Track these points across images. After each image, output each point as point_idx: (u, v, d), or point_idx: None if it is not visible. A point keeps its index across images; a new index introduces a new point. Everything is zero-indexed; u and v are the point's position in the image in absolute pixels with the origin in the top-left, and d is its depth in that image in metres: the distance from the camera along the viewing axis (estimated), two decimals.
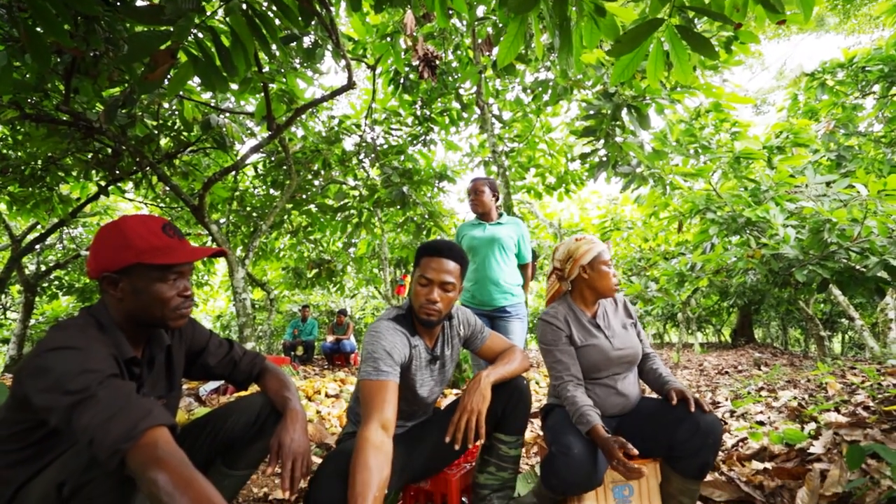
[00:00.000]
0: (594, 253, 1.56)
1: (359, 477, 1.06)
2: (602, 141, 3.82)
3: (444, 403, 1.70)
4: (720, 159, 4.29)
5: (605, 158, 4.00)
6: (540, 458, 1.91)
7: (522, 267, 2.77)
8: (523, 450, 1.75)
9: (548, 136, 6.62)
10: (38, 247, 8.11)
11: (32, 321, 9.48)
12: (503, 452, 1.46)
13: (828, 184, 3.62)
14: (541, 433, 1.77)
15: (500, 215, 2.69)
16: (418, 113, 5.84)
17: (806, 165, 4.54)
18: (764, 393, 3.59)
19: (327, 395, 4.11)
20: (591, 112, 3.63)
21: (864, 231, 2.59)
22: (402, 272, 9.90)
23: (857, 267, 2.60)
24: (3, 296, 9.09)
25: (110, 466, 0.77)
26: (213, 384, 3.95)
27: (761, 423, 2.64)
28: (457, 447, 1.31)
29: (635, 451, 1.23)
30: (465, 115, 5.69)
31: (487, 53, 4.23)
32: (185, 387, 4.14)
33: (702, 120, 4.48)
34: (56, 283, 9.59)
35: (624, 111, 3.47)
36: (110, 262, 0.99)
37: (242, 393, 3.27)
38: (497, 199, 2.68)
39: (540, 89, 4.53)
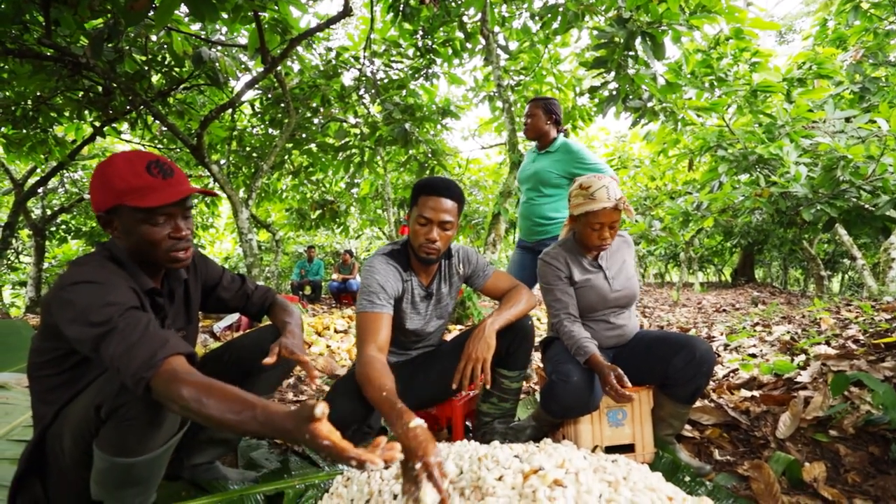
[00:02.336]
0: (584, 209, 1.48)
1: (369, 388, 1.17)
2: (613, 73, 3.62)
3: (447, 339, 1.76)
4: (736, 93, 4.07)
5: (615, 92, 3.82)
6: (539, 387, 2.02)
7: None
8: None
9: (556, 68, 6.28)
10: (40, 190, 8.10)
11: (46, 264, 9.69)
12: (505, 386, 1.54)
13: (847, 119, 3.47)
14: (540, 364, 1.86)
15: (554, 140, 2.38)
16: (419, 44, 5.50)
17: (826, 99, 4.31)
18: (759, 328, 3.71)
19: (336, 331, 4.28)
20: (604, 41, 3.42)
21: (880, 169, 2.51)
22: (405, 212, 9.88)
23: (867, 206, 2.55)
24: (14, 240, 9.22)
25: (137, 393, 0.84)
26: (226, 321, 4.12)
27: (753, 356, 2.75)
28: (462, 393, 1.39)
29: (628, 383, 1.30)
30: (468, 45, 5.36)
31: None
32: (200, 324, 4.31)
33: (720, 49, 4.20)
34: (63, 227, 9.69)
35: (638, 40, 3.26)
36: (99, 202, 0.99)
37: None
38: (556, 122, 2.39)
39: (549, 16, 4.22)
